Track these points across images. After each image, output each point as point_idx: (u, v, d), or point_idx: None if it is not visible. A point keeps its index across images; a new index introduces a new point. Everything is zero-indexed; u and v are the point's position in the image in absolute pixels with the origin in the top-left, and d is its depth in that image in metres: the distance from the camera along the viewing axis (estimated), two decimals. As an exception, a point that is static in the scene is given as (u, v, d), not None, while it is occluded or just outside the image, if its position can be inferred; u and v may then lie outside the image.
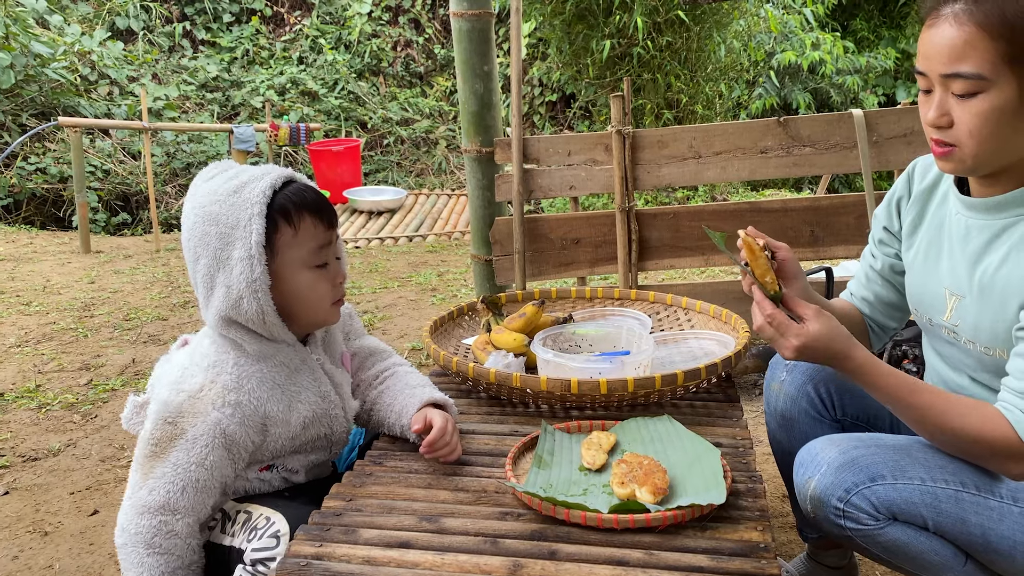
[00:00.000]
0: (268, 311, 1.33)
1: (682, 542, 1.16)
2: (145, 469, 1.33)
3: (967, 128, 1.19)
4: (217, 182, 1.35)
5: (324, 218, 1.38)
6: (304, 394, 1.44)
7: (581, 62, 7.05)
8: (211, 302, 1.35)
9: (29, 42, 7.45)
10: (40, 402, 3.21)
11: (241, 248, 1.30)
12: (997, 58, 1.14)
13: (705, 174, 3.04)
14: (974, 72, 1.16)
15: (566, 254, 3.15)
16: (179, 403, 1.33)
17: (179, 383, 1.35)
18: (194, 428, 1.32)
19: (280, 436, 1.41)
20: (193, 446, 1.32)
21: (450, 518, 1.25)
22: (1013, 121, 1.17)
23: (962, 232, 1.34)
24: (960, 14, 1.16)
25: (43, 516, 2.38)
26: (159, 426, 1.32)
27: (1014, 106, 1.16)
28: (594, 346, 1.84)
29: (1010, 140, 1.19)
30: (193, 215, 1.34)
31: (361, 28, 9.37)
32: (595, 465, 1.36)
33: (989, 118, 1.17)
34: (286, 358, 1.42)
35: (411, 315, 4.25)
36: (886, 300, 1.59)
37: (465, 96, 3.22)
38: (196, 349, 1.42)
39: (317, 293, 1.39)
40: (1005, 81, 1.15)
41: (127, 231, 7.33)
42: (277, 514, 1.33)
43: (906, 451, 1.28)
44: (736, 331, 1.83)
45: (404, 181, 8.49)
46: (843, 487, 1.24)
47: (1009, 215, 1.27)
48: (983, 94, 1.17)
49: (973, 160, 1.22)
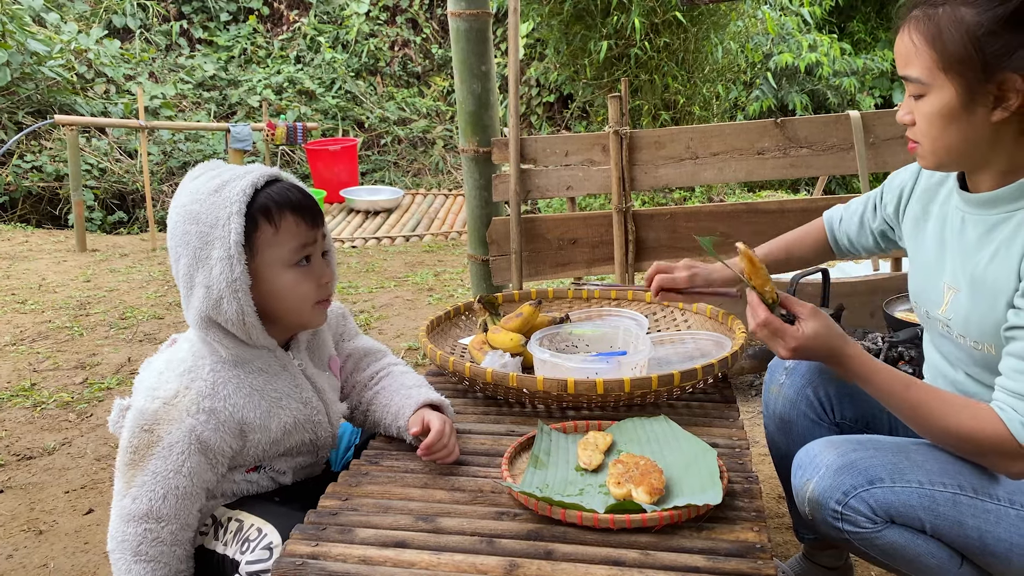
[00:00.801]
0: (248, 311, 1.31)
1: (678, 542, 1.16)
2: (127, 477, 1.32)
3: (921, 127, 1.30)
4: (200, 181, 1.34)
5: (307, 217, 1.36)
6: (284, 400, 1.42)
7: (579, 62, 7.05)
8: (192, 302, 1.33)
9: (25, 40, 7.43)
10: (35, 401, 3.20)
11: (220, 247, 1.29)
12: (932, 64, 1.24)
13: (702, 175, 3.04)
14: (916, 76, 1.26)
15: (563, 254, 3.15)
16: (154, 410, 1.32)
17: (154, 390, 1.34)
18: (169, 435, 1.31)
19: (260, 442, 1.39)
20: (170, 453, 1.30)
21: (446, 518, 1.24)
22: (957, 122, 1.25)
23: (959, 226, 1.37)
24: (911, 21, 1.28)
25: (38, 515, 2.37)
26: (136, 434, 1.31)
27: (955, 109, 1.24)
28: (591, 346, 1.84)
29: (962, 139, 1.26)
30: (175, 214, 1.33)
31: (359, 27, 9.36)
32: (591, 465, 1.36)
33: (934, 119, 1.26)
34: (264, 364, 1.40)
35: (407, 315, 4.24)
36: (862, 244, 1.70)
37: (463, 96, 3.22)
38: (175, 354, 1.41)
39: (299, 293, 1.36)
40: (941, 85, 1.24)
41: (123, 230, 7.32)
42: (269, 525, 1.32)
43: (904, 453, 1.28)
44: (732, 332, 1.83)
45: (401, 181, 8.48)
46: (841, 490, 1.24)
47: (1001, 211, 1.29)
48: (927, 96, 1.26)
49: (933, 156, 1.31)
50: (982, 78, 1.21)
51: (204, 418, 1.32)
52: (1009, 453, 1.20)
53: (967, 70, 1.21)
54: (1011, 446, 1.19)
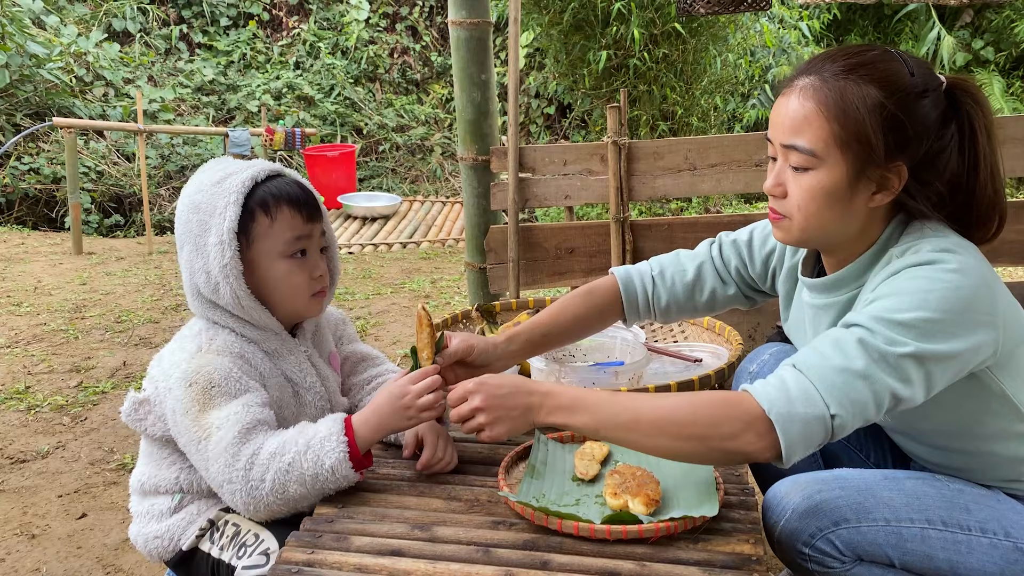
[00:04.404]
0: (242, 295, 1.36)
1: (674, 554, 1.17)
2: (205, 427, 1.31)
3: (796, 201, 1.24)
4: (207, 174, 1.41)
5: (304, 210, 1.41)
6: (288, 384, 1.45)
7: (578, 72, 7.07)
8: (194, 287, 1.39)
9: (25, 42, 7.42)
10: (29, 404, 3.19)
11: (215, 234, 1.35)
12: (829, 138, 1.19)
13: (700, 186, 3.05)
14: (807, 147, 1.20)
15: (560, 263, 3.16)
16: (190, 366, 1.35)
17: (178, 354, 1.40)
18: (217, 372, 1.34)
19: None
20: (226, 380, 1.33)
21: (442, 527, 1.24)
22: (839, 202, 1.22)
23: (811, 316, 1.38)
24: (807, 89, 1.21)
25: (31, 519, 2.36)
26: (187, 391, 1.33)
27: (841, 188, 1.20)
28: (588, 356, 1.84)
29: (838, 220, 1.23)
30: (181, 204, 1.41)
31: (358, 34, 9.38)
32: (588, 475, 1.36)
33: (817, 195, 1.21)
34: (271, 347, 1.45)
35: (404, 322, 4.24)
36: (745, 281, 1.57)
37: (462, 104, 3.23)
38: (183, 334, 1.46)
39: (292, 284, 1.41)
40: (834, 162, 1.19)
41: (120, 233, 7.30)
42: (266, 531, 1.33)
43: (870, 491, 1.28)
44: (729, 343, 1.84)
45: (399, 187, 8.48)
46: (807, 532, 1.25)
47: (846, 291, 1.30)
48: (814, 170, 1.21)
49: (800, 233, 1.26)
50: (877, 161, 1.19)
51: (230, 359, 1.37)
52: (751, 423, 1.14)
53: (864, 151, 1.18)
54: (757, 414, 1.13)
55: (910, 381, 1.14)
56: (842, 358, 1.14)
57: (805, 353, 1.18)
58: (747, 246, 1.55)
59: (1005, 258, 2.99)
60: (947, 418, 1.30)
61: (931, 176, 1.22)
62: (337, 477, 1.30)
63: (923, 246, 1.21)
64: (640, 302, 1.58)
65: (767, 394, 1.14)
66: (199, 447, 1.31)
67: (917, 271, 1.18)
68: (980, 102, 1.24)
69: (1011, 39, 8.24)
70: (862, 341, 1.14)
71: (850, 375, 1.13)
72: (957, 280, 1.15)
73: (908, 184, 1.22)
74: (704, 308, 1.59)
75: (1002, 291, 1.23)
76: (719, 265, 1.57)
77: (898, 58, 1.22)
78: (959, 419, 1.29)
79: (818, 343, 1.19)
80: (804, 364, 1.16)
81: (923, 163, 1.21)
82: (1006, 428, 1.28)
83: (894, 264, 1.21)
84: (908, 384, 1.14)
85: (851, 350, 1.14)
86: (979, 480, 1.33)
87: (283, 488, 1.28)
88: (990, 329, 1.18)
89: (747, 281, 1.57)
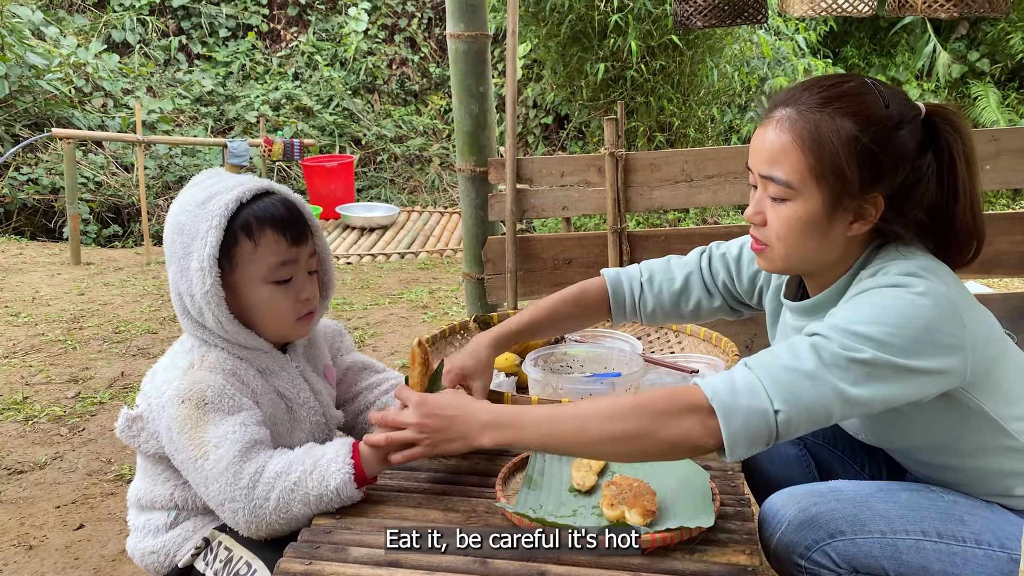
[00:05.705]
0: (224, 321, 1.35)
1: (670, 564, 1.17)
2: (201, 445, 1.30)
3: (775, 231, 1.26)
4: (194, 191, 1.38)
5: (288, 234, 1.37)
6: (281, 400, 1.44)
7: (575, 84, 7.11)
8: (182, 307, 1.38)
9: (24, 53, 7.45)
10: (27, 414, 3.19)
11: (196, 260, 1.33)
12: (805, 170, 1.21)
13: (696, 197, 3.07)
14: (784, 179, 1.22)
15: (558, 274, 3.17)
16: (182, 383, 1.34)
17: (171, 370, 1.39)
18: (210, 389, 1.33)
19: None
20: (219, 398, 1.32)
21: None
22: (817, 232, 1.24)
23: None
24: (784, 120, 1.23)
25: (28, 530, 2.36)
26: (180, 408, 1.32)
27: (818, 218, 1.22)
28: (585, 367, 1.85)
29: (817, 249, 1.26)
30: (168, 222, 1.39)
31: (357, 45, 9.41)
32: (585, 486, 1.37)
33: (794, 225, 1.24)
34: (262, 364, 1.43)
35: (402, 332, 4.25)
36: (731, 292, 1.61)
37: (460, 116, 3.24)
38: (174, 351, 1.45)
39: (276, 309, 1.39)
40: (811, 194, 1.21)
41: (118, 243, 7.31)
42: (259, 560, 1.32)
43: (865, 503, 1.28)
44: (726, 354, 1.85)
45: (397, 198, 8.50)
46: (803, 544, 1.26)
47: (823, 314, 1.30)
48: (791, 201, 1.23)
49: (782, 262, 1.29)
50: (853, 192, 1.21)
51: (223, 376, 1.36)
52: (693, 409, 1.15)
53: (840, 183, 1.20)
54: (700, 401, 1.15)
55: (860, 385, 1.14)
56: (792, 358, 1.15)
57: (759, 354, 1.20)
58: (736, 262, 1.57)
59: (1001, 269, 3.00)
60: (923, 435, 1.31)
61: (909, 205, 1.24)
62: (342, 498, 1.30)
63: (891, 268, 1.23)
64: (627, 306, 1.64)
65: (712, 385, 1.16)
66: (196, 465, 1.30)
67: (882, 291, 1.20)
68: (959, 129, 1.25)
69: (1006, 51, 8.29)
70: (815, 345, 1.16)
71: (797, 374, 1.14)
72: (919, 302, 1.17)
73: (886, 213, 1.24)
74: (689, 316, 1.63)
75: (973, 312, 1.24)
76: (707, 277, 1.59)
77: (874, 90, 1.23)
78: (936, 436, 1.30)
79: (774, 347, 1.21)
80: (755, 362, 1.18)
81: (900, 193, 1.23)
82: (989, 444, 1.29)
83: (863, 284, 1.24)
84: (858, 388, 1.14)
85: (803, 352, 1.16)
86: (970, 495, 1.34)
87: (287, 507, 1.28)
88: (957, 352, 1.19)
89: (734, 295, 1.59)
